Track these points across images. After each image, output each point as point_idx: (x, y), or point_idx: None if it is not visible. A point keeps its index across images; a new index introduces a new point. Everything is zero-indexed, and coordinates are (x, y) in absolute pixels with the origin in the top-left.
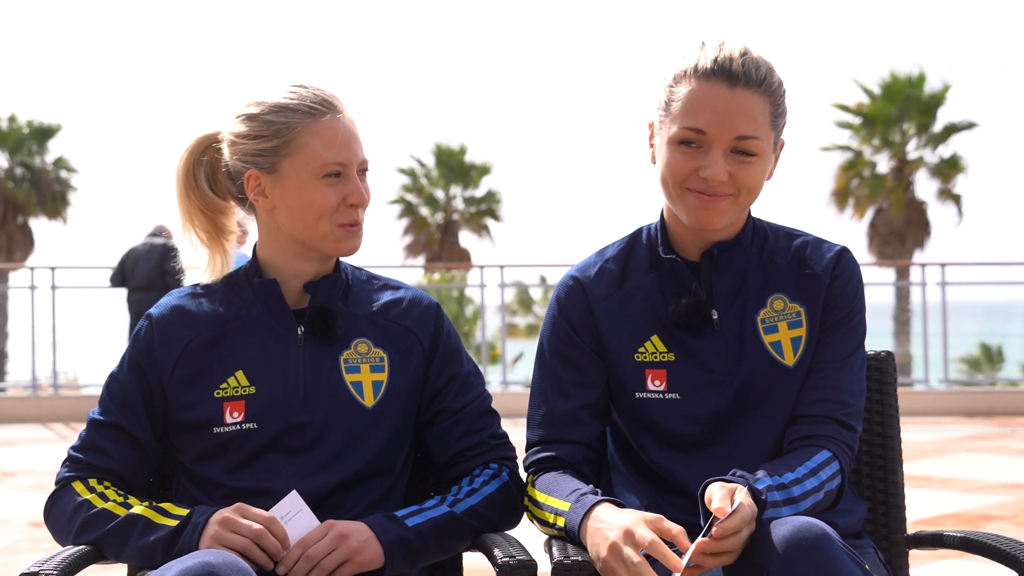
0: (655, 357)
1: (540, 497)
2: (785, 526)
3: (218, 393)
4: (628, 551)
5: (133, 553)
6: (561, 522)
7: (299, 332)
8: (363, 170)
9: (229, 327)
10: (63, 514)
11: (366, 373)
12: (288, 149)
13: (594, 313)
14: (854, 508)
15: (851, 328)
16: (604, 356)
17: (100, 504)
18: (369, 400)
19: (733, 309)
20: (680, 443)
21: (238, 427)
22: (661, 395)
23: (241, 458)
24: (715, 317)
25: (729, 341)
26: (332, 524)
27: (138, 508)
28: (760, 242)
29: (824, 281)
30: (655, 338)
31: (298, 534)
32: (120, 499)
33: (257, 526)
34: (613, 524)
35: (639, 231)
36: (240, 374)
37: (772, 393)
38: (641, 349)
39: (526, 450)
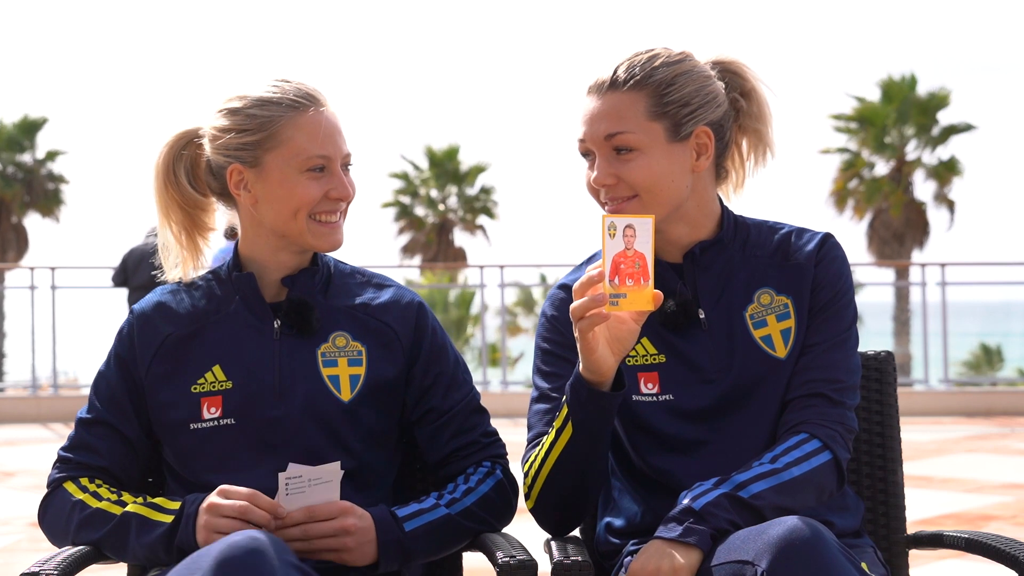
0: (646, 360)
1: (532, 456)
2: (779, 526)
3: (195, 388)
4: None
5: (136, 553)
6: (561, 418)
7: (275, 326)
8: (346, 164)
9: (207, 321)
10: (58, 517)
11: (343, 367)
12: (272, 143)
13: None
14: (852, 506)
15: (839, 309)
16: None
17: (94, 504)
18: (346, 394)
19: (719, 307)
20: (676, 443)
21: (215, 423)
22: (655, 397)
23: (221, 455)
24: (702, 316)
25: (717, 339)
26: (346, 511)
27: (132, 506)
28: (743, 238)
29: (809, 270)
30: (644, 340)
31: (316, 501)
32: (114, 497)
33: (241, 503)
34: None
35: None
36: (217, 369)
37: (764, 386)
38: (632, 353)
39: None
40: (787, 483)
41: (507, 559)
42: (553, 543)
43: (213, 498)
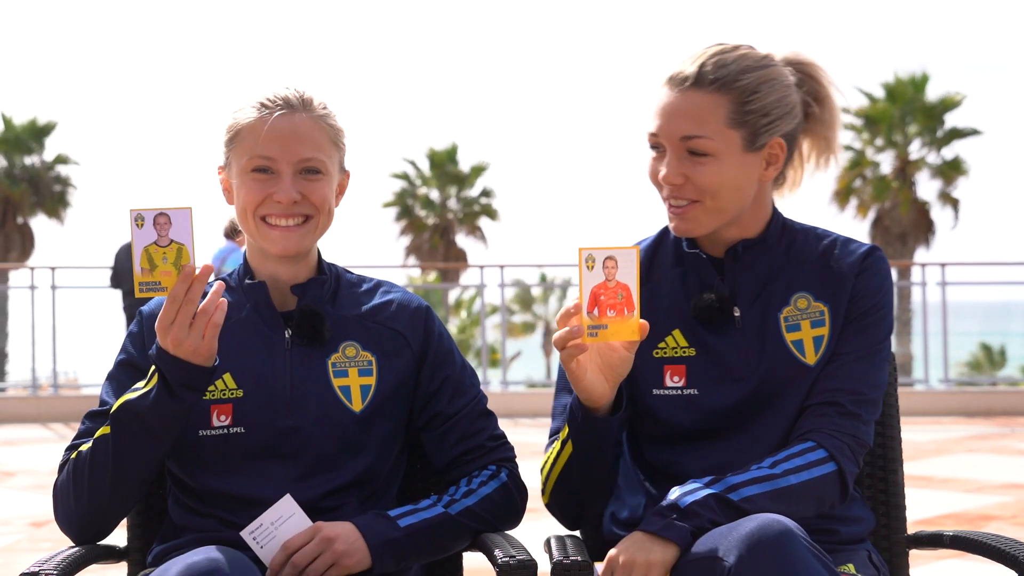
0: (675, 352)
1: (546, 455)
2: (750, 523)
3: (205, 395)
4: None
5: (153, 427)
6: (565, 432)
7: (287, 335)
8: (308, 169)
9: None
10: (67, 483)
11: (354, 377)
12: (234, 143)
13: None
14: (861, 516)
15: (873, 322)
16: None
17: (86, 447)
18: (357, 405)
19: (756, 307)
20: (691, 436)
21: (225, 430)
22: (680, 391)
23: (230, 463)
24: (736, 314)
25: (749, 338)
26: (319, 527)
27: (113, 407)
28: (788, 241)
29: (849, 280)
30: (676, 332)
31: (292, 535)
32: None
33: (167, 312)
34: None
35: (668, 226)
36: (228, 377)
37: (789, 391)
38: (661, 344)
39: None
40: (782, 490)
41: (507, 559)
42: (553, 542)
43: (161, 341)
